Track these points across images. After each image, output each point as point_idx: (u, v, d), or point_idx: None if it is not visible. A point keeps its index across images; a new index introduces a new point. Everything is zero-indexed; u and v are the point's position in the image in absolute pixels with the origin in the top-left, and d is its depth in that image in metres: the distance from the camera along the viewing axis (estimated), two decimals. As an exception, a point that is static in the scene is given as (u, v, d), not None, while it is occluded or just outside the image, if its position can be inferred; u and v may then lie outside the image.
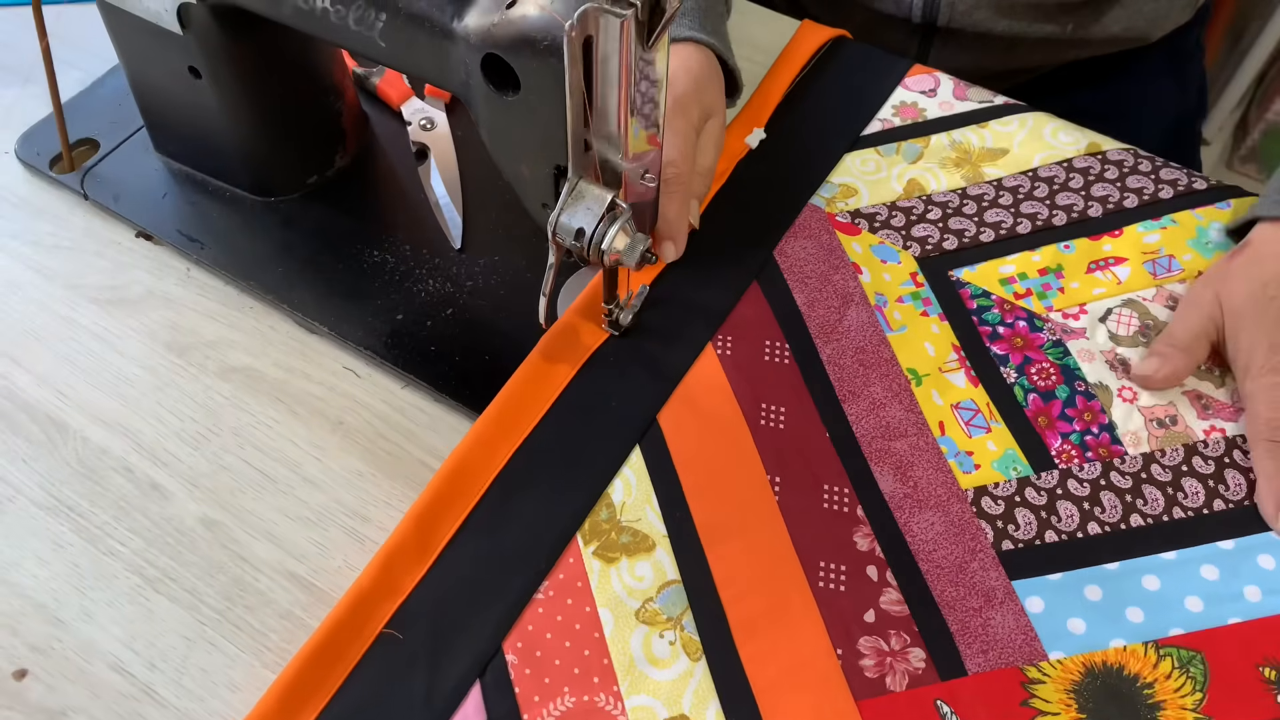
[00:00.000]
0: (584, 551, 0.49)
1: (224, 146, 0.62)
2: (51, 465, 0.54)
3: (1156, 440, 0.53)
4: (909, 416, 0.54)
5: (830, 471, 0.52)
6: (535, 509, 0.51)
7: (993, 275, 0.59)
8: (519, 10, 0.43)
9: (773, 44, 0.72)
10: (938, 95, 0.68)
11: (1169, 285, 0.59)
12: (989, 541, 0.50)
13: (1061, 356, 0.56)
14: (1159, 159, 0.64)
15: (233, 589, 0.50)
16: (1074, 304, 0.58)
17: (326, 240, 0.62)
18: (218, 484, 0.53)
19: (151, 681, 0.47)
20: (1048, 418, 0.54)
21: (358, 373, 0.57)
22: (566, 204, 0.47)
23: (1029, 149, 0.65)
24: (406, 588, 0.48)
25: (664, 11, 0.42)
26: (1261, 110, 1.57)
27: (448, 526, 0.50)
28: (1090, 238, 0.61)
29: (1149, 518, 0.50)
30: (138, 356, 0.58)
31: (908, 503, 0.51)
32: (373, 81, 0.69)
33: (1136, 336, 0.57)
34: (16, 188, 0.65)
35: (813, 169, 0.64)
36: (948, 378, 0.56)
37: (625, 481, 0.52)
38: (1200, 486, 0.51)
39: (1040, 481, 0.52)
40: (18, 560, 0.51)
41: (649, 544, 0.50)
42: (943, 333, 0.57)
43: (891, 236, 0.61)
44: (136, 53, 0.59)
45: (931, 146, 0.65)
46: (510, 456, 0.52)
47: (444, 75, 0.48)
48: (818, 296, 0.59)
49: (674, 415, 0.54)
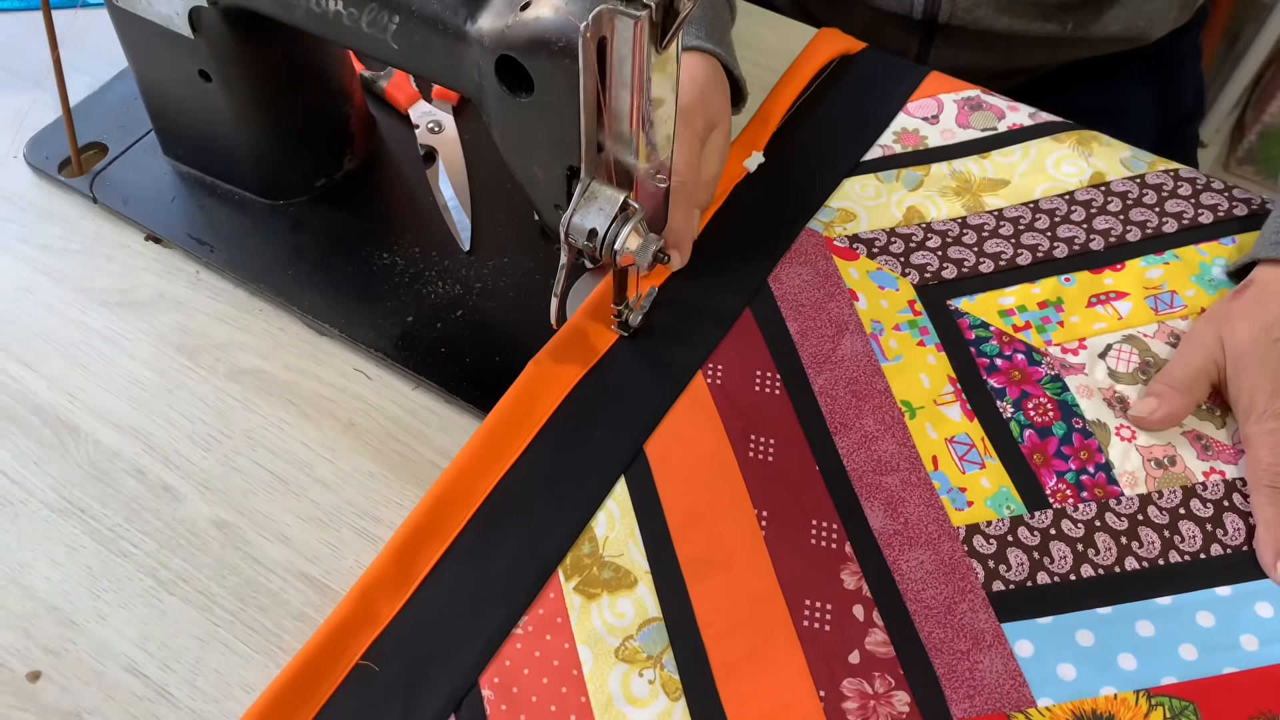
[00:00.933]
0: (565, 587, 0.49)
1: (233, 150, 0.62)
2: (63, 468, 0.54)
3: (1154, 481, 0.52)
4: (901, 450, 0.53)
5: (819, 506, 0.51)
6: (517, 542, 0.50)
7: (992, 306, 0.58)
8: (533, 12, 0.43)
9: (780, 48, 0.73)
10: (940, 123, 0.67)
11: (1170, 321, 0.57)
12: (979, 582, 0.49)
13: (1060, 392, 0.55)
14: (1165, 189, 0.63)
15: (245, 590, 0.50)
16: (1073, 338, 0.57)
17: (336, 243, 0.62)
18: (229, 486, 0.53)
19: (165, 682, 0.47)
20: (1043, 455, 0.53)
21: (368, 374, 0.58)
22: (579, 205, 0.47)
23: (1031, 180, 0.64)
24: (384, 619, 0.47)
25: (677, 13, 0.42)
26: (1258, 112, 1.58)
27: (428, 558, 0.49)
28: (1091, 271, 0.60)
29: (1144, 561, 0.49)
30: (148, 359, 0.58)
31: (897, 540, 0.50)
32: (380, 85, 0.69)
33: (1136, 373, 0.55)
34: (25, 192, 0.66)
35: (812, 193, 0.63)
36: (943, 411, 0.54)
37: (609, 515, 0.51)
38: (1198, 530, 0.50)
39: (1034, 521, 0.51)
40: (31, 563, 0.51)
41: (631, 580, 0.49)
42: (939, 363, 0.56)
43: (890, 263, 0.60)
44: (146, 56, 0.59)
45: (932, 175, 0.64)
46: (493, 487, 0.51)
47: (456, 77, 0.48)
48: (811, 325, 0.57)
49: (661, 445, 0.53)
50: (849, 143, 0.66)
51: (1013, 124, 0.67)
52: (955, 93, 0.69)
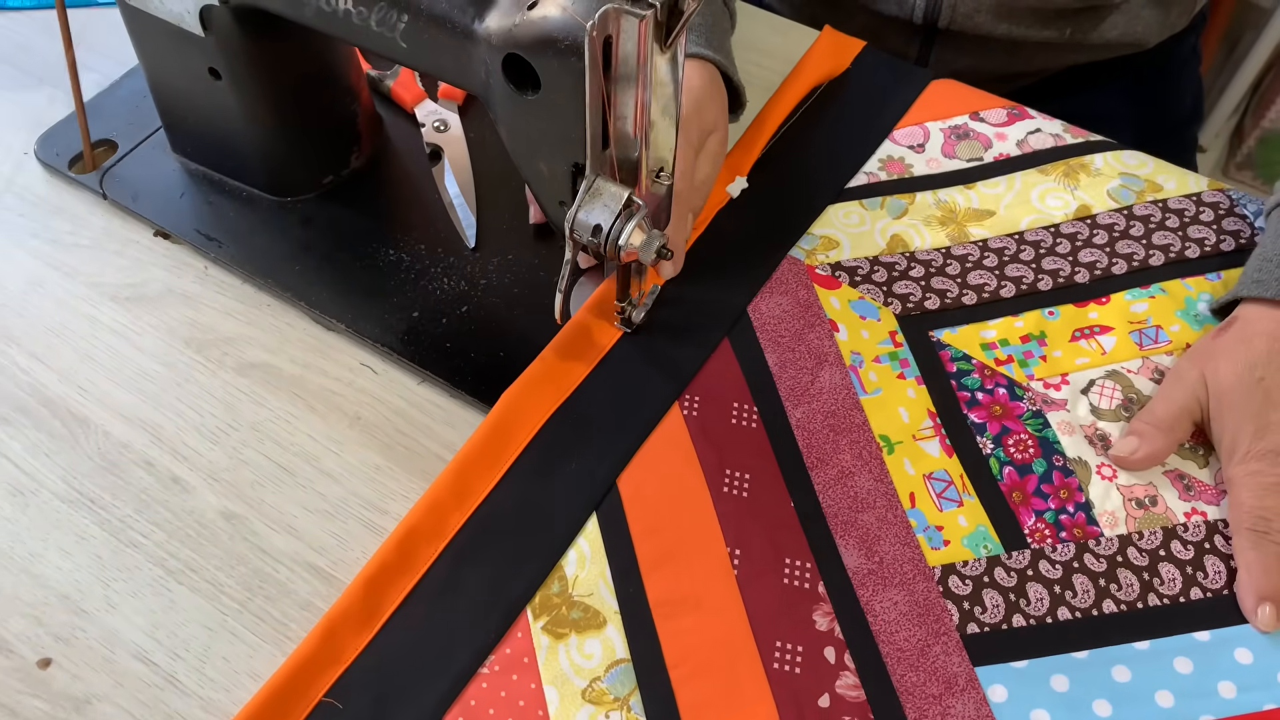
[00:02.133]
0: (533, 626, 0.48)
1: (242, 147, 0.63)
2: (74, 459, 0.54)
3: (1135, 522, 0.51)
4: (878, 487, 0.52)
5: (793, 544, 0.50)
6: (486, 579, 0.49)
7: (974, 339, 0.58)
8: (540, 11, 0.44)
9: (781, 49, 0.73)
10: (926, 151, 0.66)
11: (1155, 357, 0.57)
12: (954, 624, 0.48)
13: (1041, 428, 0.54)
14: (1152, 221, 0.62)
15: (253, 580, 0.51)
16: (1056, 373, 0.56)
17: (342, 239, 0.63)
18: (237, 477, 0.54)
19: (174, 670, 0.48)
20: (1022, 493, 0.52)
21: (374, 369, 0.58)
22: (584, 201, 0.48)
23: (1016, 211, 0.63)
24: (349, 655, 0.47)
25: (682, 12, 0.43)
26: (1257, 118, 1.59)
27: (396, 593, 0.49)
28: (1076, 304, 0.59)
29: (1122, 604, 0.49)
30: (157, 353, 0.59)
31: (871, 580, 0.49)
32: (387, 84, 0.70)
33: (1119, 410, 0.55)
34: (36, 187, 0.66)
35: (794, 220, 0.63)
36: (921, 446, 0.54)
37: (580, 553, 0.50)
38: (1178, 573, 0.49)
39: (1011, 561, 0.50)
40: (41, 552, 0.51)
41: (600, 620, 0.48)
42: (919, 397, 0.56)
43: (872, 292, 0.60)
44: (157, 54, 0.60)
45: (917, 203, 0.64)
46: (464, 522, 0.51)
47: (464, 75, 0.49)
48: (790, 356, 0.57)
49: (635, 481, 0.52)
50: (833, 169, 0.66)
51: (999, 154, 0.66)
52: (942, 121, 0.68)
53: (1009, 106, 0.69)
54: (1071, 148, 0.66)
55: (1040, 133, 0.67)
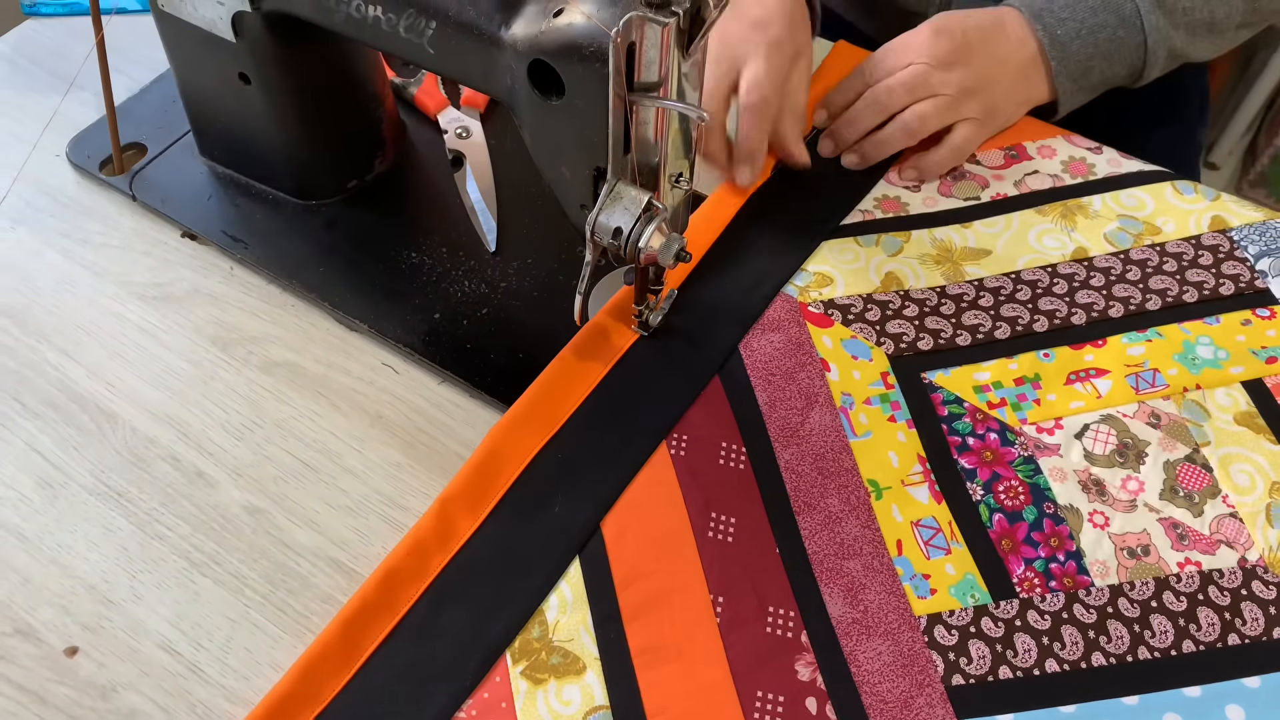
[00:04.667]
0: (512, 670, 0.47)
1: (269, 151, 0.64)
2: (101, 453, 0.56)
3: (1126, 571, 0.50)
4: (865, 534, 0.51)
5: (777, 592, 0.49)
6: (466, 622, 0.49)
7: (967, 382, 0.57)
8: (565, 18, 0.45)
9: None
10: (922, 190, 0.66)
11: (1151, 401, 0.56)
12: (938, 675, 0.47)
13: (1032, 475, 0.53)
14: (1150, 265, 0.62)
15: (276, 573, 0.52)
16: (1050, 417, 0.55)
17: (366, 242, 0.64)
18: (261, 473, 0.55)
19: (198, 660, 0.49)
20: (1012, 541, 0.51)
21: (396, 369, 0.59)
22: (605, 204, 0.49)
23: (1013, 250, 0.63)
24: (326, 696, 0.47)
25: (704, 20, 0.44)
26: (1270, 135, 1.59)
27: (376, 634, 0.48)
28: (1071, 346, 0.58)
29: (1112, 657, 0.48)
30: (183, 351, 0.60)
31: (855, 629, 0.48)
32: (410, 91, 0.71)
33: (1113, 456, 0.54)
34: (67, 189, 0.68)
35: (789, 256, 0.62)
36: (910, 492, 0.53)
37: (561, 598, 0.49)
38: (1170, 625, 0.48)
39: (998, 611, 0.49)
40: (69, 543, 0.52)
41: (579, 666, 0.48)
42: (909, 441, 0.55)
43: (865, 331, 0.59)
44: (189, 59, 0.62)
45: (913, 241, 0.63)
46: (446, 563, 0.50)
47: (489, 81, 0.50)
48: (780, 395, 0.56)
49: (619, 524, 0.52)
50: (829, 206, 0.65)
51: (997, 194, 0.66)
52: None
53: (1006, 146, 0.68)
54: (1070, 189, 0.66)
55: (1038, 174, 0.67)
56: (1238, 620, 0.49)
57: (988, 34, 0.66)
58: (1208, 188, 0.65)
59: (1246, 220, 0.64)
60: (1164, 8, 0.67)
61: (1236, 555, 0.51)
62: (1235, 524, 0.52)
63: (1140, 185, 0.66)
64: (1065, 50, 0.67)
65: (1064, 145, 0.69)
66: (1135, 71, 0.69)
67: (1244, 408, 0.56)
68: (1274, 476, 0.53)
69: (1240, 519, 0.52)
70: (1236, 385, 0.57)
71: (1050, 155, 0.68)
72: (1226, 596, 0.50)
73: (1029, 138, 0.69)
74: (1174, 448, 0.55)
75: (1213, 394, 0.57)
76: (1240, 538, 0.52)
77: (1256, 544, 0.51)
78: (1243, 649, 0.48)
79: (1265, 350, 0.58)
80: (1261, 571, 0.50)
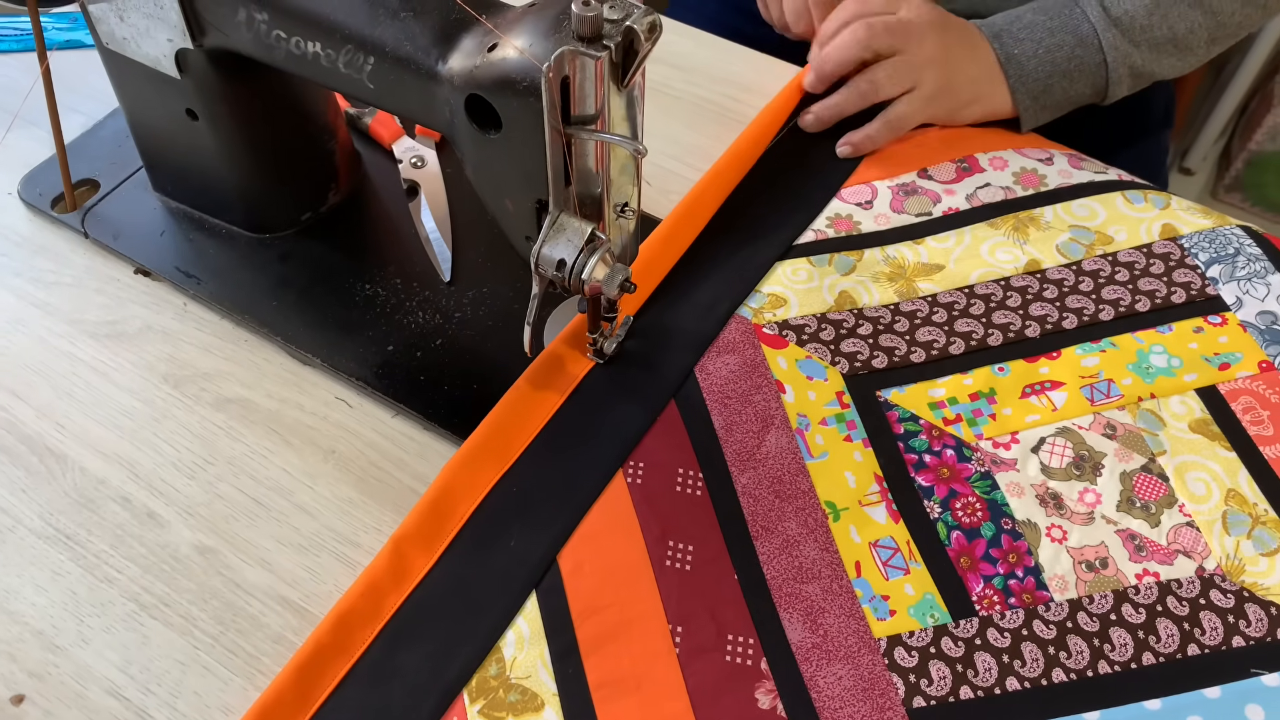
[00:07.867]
0: (469, 710, 0.47)
1: (220, 185, 0.64)
2: (50, 495, 0.55)
3: (1085, 585, 0.50)
4: (824, 556, 0.51)
5: (736, 620, 0.49)
6: (422, 662, 0.48)
7: (922, 399, 0.57)
8: (499, 53, 0.45)
9: (756, 84, 0.74)
10: (874, 208, 0.66)
11: (1107, 412, 0.56)
12: (899, 698, 0.47)
13: (989, 490, 0.53)
14: (1102, 275, 0.62)
15: (226, 614, 0.51)
16: (1005, 432, 0.55)
17: (320, 275, 0.64)
18: (213, 512, 0.55)
19: (146, 705, 0.48)
20: (970, 559, 0.51)
21: (349, 402, 0.59)
22: (548, 236, 0.49)
23: (966, 265, 0.63)
24: None
25: (637, 53, 0.44)
26: (1244, 140, 1.60)
27: (330, 678, 0.48)
28: (1026, 359, 0.58)
29: (1072, 673, 0.48)
30: (135, 389, 0.59)
31: (815, 654, 0.48)
32: (365, 121, 0.71)
33: (1070, 469, 0.54)
34: (19, 227, 0.67)
35: (742, 277, 0.62)
36: (868, 512, 0.53)
37: (518, 634, 0.49)
38: (1129, 638, 0.49)
39: (958, 630, 0.49)
40: (16, 588, 0.52)
41: (538, 703, 0.47)
42: (866, 460, 0.55)
43: (820, 351, 0.59)
44: (136, 96, 0.62)
45: (865, 259, 0.63)
46: (401, 602, 0.50)
47: (430, 115, 0.50)
48: (737, 419, 0.56)
49: (575, 557, 0.51)
50: (781, 226, 0.65)
51: (949, 208, 0.66)
52: (890, 179, 0.68)
53: (958, 159, 0.68)
54: (1022, 200, 0.66)
55: (990, 186, 0.67)
56: (1196, 630, 0.49)
57: (967, 27, 0.70)
58: (1158, 195, 0.65)
59: (1196, 227, 0.64)
60: (1120, 26, 0.68)
61: (1194, 565, 0.51)
62: (1192, 533, 0.52)
63: (1092, 195, 0.66)
64: (1023, 69, 0.68)
65: (1015, 157, 0.69)
66: (1100, 90, 0.70)
67: (1198, 415, 0.56)
68: (1229, 484, 0.53)
69: (1197, 528, 0.52)
70: (1190, 393, 0.57)
71: (1002, 167, 0.68)
72: (1185, 606, 0.50)
73: (981, 149, 0.69)
74: (1130, 458, 0.55)
75: (1167, 402, 0.57)
76: (1197, 547, 0.52)
77: (1214, 552, 0.51)
78: (1202, 659, 0.48)
79: (1218, 357, 0.58)
80: (1219, 580, 0.50)
